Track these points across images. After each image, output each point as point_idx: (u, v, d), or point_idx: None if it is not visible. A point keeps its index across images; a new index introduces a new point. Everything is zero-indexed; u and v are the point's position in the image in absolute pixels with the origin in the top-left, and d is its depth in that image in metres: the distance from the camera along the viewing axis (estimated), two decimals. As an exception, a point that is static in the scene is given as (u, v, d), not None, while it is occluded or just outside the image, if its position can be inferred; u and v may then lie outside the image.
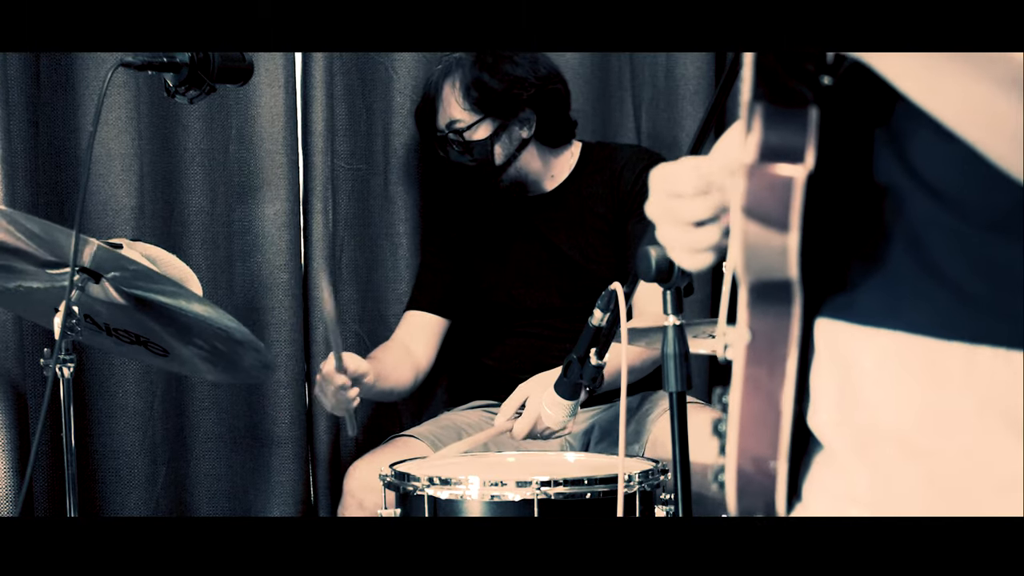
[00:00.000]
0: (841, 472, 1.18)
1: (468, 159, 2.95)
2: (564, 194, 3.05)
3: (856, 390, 1.15)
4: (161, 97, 2.39)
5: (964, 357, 1.09)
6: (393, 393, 2.95)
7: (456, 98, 2.93)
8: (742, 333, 1.15)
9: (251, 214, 3.02)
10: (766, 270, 1.12)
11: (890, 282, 1.13)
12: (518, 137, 2.97)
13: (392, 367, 2.91)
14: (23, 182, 2.77)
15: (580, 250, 3.00)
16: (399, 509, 2.30)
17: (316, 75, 3.02)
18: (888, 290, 1.13)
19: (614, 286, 2.01)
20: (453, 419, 3.00)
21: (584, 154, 3.08)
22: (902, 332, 1.12)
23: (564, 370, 2.22)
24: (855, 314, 1.15)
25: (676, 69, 3.30)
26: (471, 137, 2.93)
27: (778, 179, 1.09)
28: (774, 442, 1.15)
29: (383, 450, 2.85)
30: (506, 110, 2.93)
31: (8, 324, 2.71)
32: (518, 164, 2.99)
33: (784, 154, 1.10)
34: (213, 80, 2.20)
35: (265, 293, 3.03)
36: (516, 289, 3.04)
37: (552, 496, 2.19)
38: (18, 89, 2.77)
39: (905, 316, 1.12)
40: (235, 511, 3.04)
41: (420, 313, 3.08)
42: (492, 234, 3.08)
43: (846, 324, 1.16)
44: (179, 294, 2.22)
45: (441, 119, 2.97)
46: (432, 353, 3.06)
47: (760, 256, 1.11)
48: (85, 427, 2.88)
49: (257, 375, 2.57)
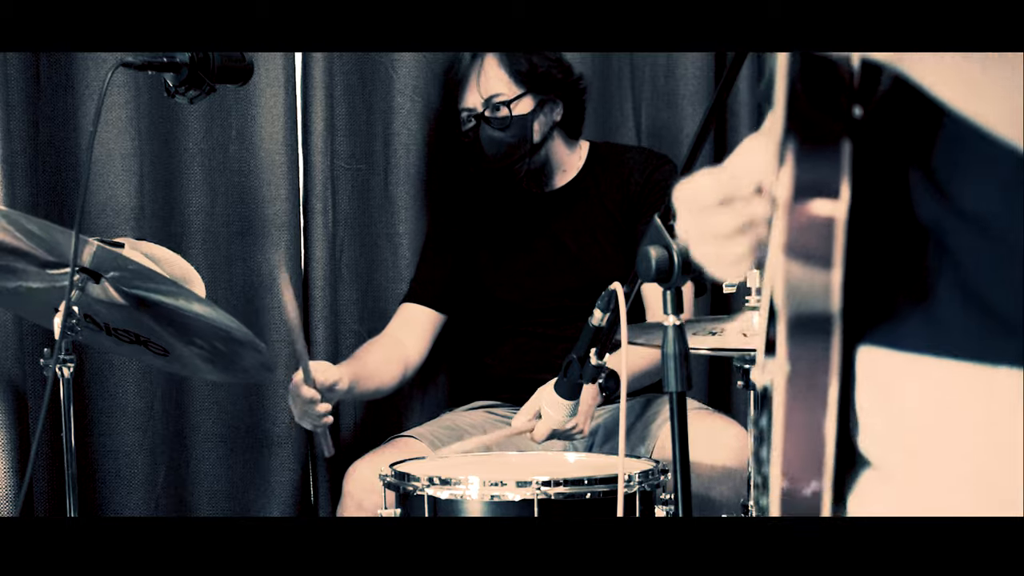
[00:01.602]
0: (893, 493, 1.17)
1: (508, 135, 2.95)
2: (574, 192, 3.06)
3: (903, 418, 1.15)
4: (161, 97, 2.39)
5: (1013, 381, 1.09)
6: (379, 392, 2.94)
7: (501, 71, 2.94)
8: (782, 365, 1.15)
9: (251, 214, 3.02)
10: (807, 305, 1.12)
11: (934, 310, 1.13)
12: (552, 117, 3.00)
13: (376, 366, 2.89)
14: (23, 182, 2.77)
15: (588, 249, 3.00)
16: (399, 509, 2.30)
17: (316, 75, 3.02)
18: (932, 318, 1.13)
19: (614, 286, 2.01)
20: (454, 419, 2.99)
21: (592, 153, 3.09)
22: (948, 359, 1.12)
23: (564, 370, 2.22)
24: (899, 342, 1.15)
25: (676, 69, 3.30)
26: (514, 111, 2.95)
27: (818, 218, 1.09)
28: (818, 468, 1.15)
29: (383, 450, 2.85)
30: (547, 87, 2.96)
31: (8, 324, 2.71)
32: (548, 146, 3.00)
33: (818, 190, 1.10)
34: (213, 80, 2.20)
35: (265, 293, 3.03)
36: (523, 287, 3.04)
37: (552, 496, 2.19)
38: (18, 89, 2.77)
39: (951, 343, 1.12)
40: (235, 511, 3.03)
41: (416, 306, 3.06)
42: (499, 231, 3.08)
43: (890, 351, 1.16)
44: (179, 294, 2.22)
45: (479, 95, 2.96)
46: (424, 348, 3.04)
47: (802, 292, 1.11)
48: (85, 427, 2.88)
49: (257, 375, 2.57)
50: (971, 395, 1.11)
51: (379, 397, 3.01)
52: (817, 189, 1.10)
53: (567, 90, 3.00)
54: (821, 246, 1.10)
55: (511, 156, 2.97)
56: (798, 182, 1.11)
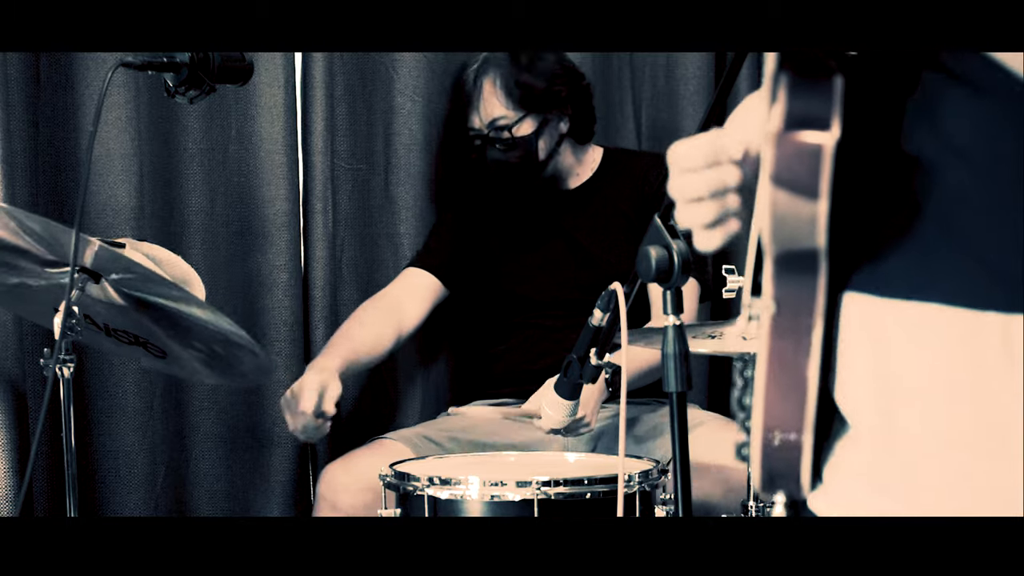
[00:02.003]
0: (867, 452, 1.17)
1: (512, 156, 2.95)
2: (588, 192, 3.07)
3: (887, 364, 1.14)
4: (161, 97, 2.39)
5: (1000, 327, 1.08)
6: (372, 362, 2.95)
7: (498, 96, 2.94)
8: (767, 304, 1.15)
9: (251, 214, 3.02)
10: (793, 239, 1.11)
11: (921, 254, 1.12)
12: (557, 132, 3.00)
13: (366, 341, 2.90)
14: (23, 182, 2.77)
15: (600, 244, 3.01)
16: (399, 509, 2.30)
17: (316, 75, 3.02)
18: (919, 262, 1.12)
19: (614, 286, 2.01)
20: (449, 422, 2.97)
21: (607, 157, 3.11)
22: (935, 304, 1.11)
23: (564, 370, 2.22)
24: (885, 287, 1.14)
25: (676, 69, 3.31)
26: (516, 133, 2.94)
27: (807, 146, 1.09)
28: (800, 416, 1.14)
29: (359, 453, 2.83)
30: (548, 106, 2.95)
31: (8, 324, 2.71)
32: (557, 159, 3.01)
33: (810, 122, 1.09)
34: (213, 80, 2.20)
35: (265, 293, 3.03)
36: (533, 280, 3.04)
37: (552, 496, 2.19)
38: (18, 89, 2.77)
39: (938, 288, 1.11)
40: (234, 511, 3.03)
41: (420, 271, 3.05)
42: (512, 223, 3.09)
43: (876, 298, 1.15)
44: (178, 296, 2.22)
45: (482, 118, 2.97)
46: (422, 315, 3.03)
47: (788, 225, 1.11)
48: (85, 427, 2.88)
49: (255, 379, 2.57)
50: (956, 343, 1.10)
51: (372, 366, 3.01)
52: (807, 121, 1.10)
53: (573, 100, 3.00)
54: (808, 175, 1.09)
55: (518, 175, 2.99)
56: (789, 113, 1.10)
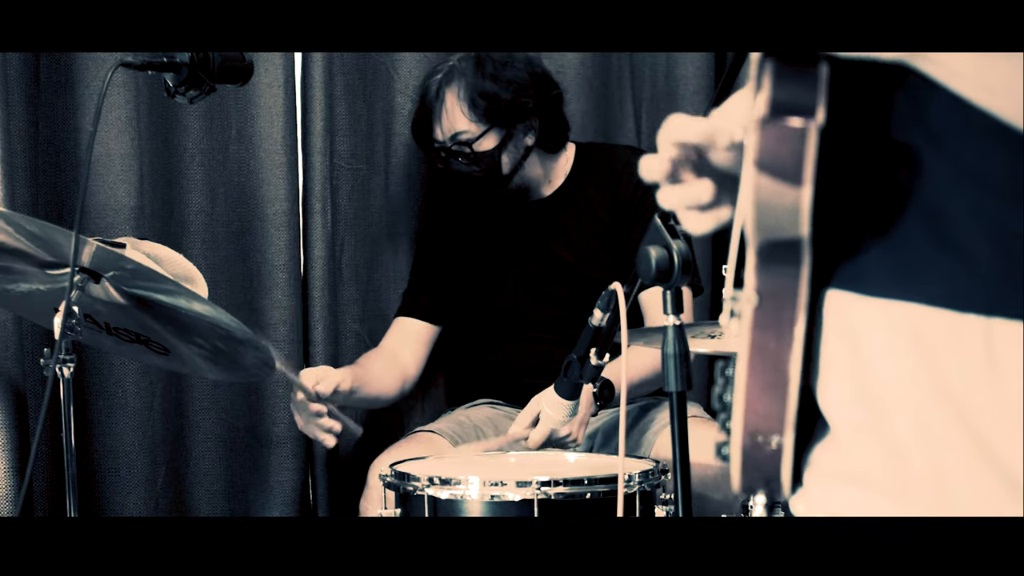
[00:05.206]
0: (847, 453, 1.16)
1: (475, 170, 2.88)
2: (563, 199, 3.00)
3: (867, 363, 1.14)
4: (161, 97, 2.39)
5: (980, 329, 1.08)
6: (378, 401, 2.92)
7: (461, 109, 2.85)
8: (749, 296, 1.14)
9: (251, 214, 3.02)
10: (776, 228, 1.10)
11: (903, 252, 1.11)
12: (523, 145, 2.91)
13: (377, 374, 2.87)
14: (23, 182, 2.77)
15: (581, 257, 2.95)
16: (399, 509, 2.30)
17: (316, 75, 3.02)
18: (900, 261, 1.11)
19: (614, 286, 2.01)
20: (468, 415, 2.99)
21: (579, 156, 3.03)
22: (915, 303, 1.11)
23: (564, 370, 2.22)
24: (866, 285, 1.14)
25: (676, 69, 3.30)
26: (479, 148, 2.87)
27: (790, 131, 1.08)
28: (781, 413, 1.13)
29: (406, 443, 2.84)
30: (512, 118, 2.87)
31: (8, 324, 2.71)
32: (522, 172, 2.93)
33: (794, 109, 1.08)
34: (213, 80, 2.20)
35: (264, 293, 3.03)
36: (517, 299, 3.00)
37: (552, 496, 2.19)
38: (18, 89, 2.77)
39: (918, 287, 1.10)
40: (234, 511, 3.04)
41: (409, 320, 3.03)
42: (491, 243, 3.04)
43: (856, 296, 1.14)
44: (179, 293, 2.22)
45: (443, 130, 2.89)
46: (421, 361, 3.01)
47: (771, 212, 1.09)
48: (85, 427, 2.88)
49: (258, 374, 2.57)
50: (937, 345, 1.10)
51: (378, 407, 3.01)
52: (792, 108, 1.09)
53: (541, 110, 2.90)
54: (791, 160, 1.08)
55: (483, 187, 2.92)
56: (773, 100, 1.09)
